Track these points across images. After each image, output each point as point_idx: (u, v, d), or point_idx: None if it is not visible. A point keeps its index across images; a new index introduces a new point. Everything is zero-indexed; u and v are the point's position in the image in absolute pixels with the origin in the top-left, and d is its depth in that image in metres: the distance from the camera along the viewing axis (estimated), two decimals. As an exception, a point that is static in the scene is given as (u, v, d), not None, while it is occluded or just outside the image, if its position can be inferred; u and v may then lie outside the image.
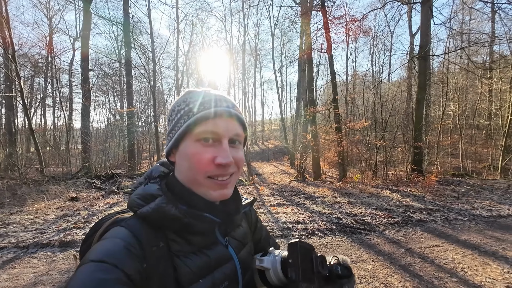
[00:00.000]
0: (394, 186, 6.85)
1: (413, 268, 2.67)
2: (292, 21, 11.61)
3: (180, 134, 0.49)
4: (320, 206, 4.92)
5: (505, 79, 12.00)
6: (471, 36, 14.58)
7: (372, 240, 3.39)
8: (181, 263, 0.45)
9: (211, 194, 0.49)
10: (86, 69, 9.82)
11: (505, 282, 2.39)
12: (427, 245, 3.24)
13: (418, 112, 8.12)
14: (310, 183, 7.87)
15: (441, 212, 4.58)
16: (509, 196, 5.79)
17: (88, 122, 10.25)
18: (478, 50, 14.97)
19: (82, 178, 7.23)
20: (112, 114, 20.06)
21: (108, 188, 6.46)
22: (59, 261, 2.79)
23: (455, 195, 5.75)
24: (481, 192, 6.11)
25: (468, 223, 4.06)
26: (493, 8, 8.05)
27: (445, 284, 2.38)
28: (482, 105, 14.15)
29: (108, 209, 4.63)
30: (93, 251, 0.40)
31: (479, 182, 7.30)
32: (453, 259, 2.85)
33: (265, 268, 0.55)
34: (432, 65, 18.02)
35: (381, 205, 4.93)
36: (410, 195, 5.75)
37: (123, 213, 0.54)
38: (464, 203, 5.15)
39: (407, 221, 4.08)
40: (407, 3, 10.43)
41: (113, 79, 19.30)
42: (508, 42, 9.76)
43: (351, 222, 3.99)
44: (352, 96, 14.60)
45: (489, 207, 4.89)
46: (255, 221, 0.71)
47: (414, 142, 7.80)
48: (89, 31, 10.26)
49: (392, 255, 2.97)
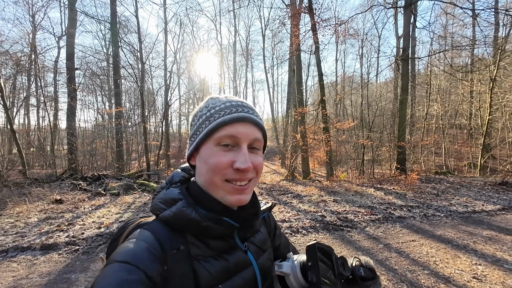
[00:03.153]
0: (378, 184, 7.07)
1: (389, 262, 2.81)
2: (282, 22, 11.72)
3: (201, 138, 0.50)
4: (307, 205, 5.03)
5: (483, 81, 12.56)
6: (453, 39, 15.17)
7: (353, 237, 3.52)
8: (201, 267, 0.46)
9: (228, 198, 0.49)
10: (71, 68, 9.60)
11: (472, 273, 2.55)
12: (404, 240, 3.40)
13: (402, 113, 8.40)
14: (299, 182, 7.99)
15: (421, 208, 4.78)
16: (484, 192, 6.10)
17: (74, 122, 10.01)
18: (460, 53, 15.57)
19: (67, 179, 7.08)
20: (100, 114, 19.63)
21: (94, 189, 6.36)
22: (40, 264, 2.76)
23: (435, 192, 6.00)
24: (459, 189, 6.40)
25: (445, 219, 4.27)
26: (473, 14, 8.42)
27: (417, 276, 2.52)
28: (463, 106, 14.74)
29: (94, 211, 4.57)
30: (118, 252, 0.42)
31: (459, 180, 7.64)
32: (427, 253, 3.00)
33: (284, 273, 0.53)
34: (417, 67, 18.62)
35: (365, 203, 5.10)
36: (393, 193, 5.96)
37: (147, 217, 0.56)
38: (443, 200, 5.39)
39: (388, 218, 4.25)
40: (392, 7, 10.74)
41: (101, 78, 18.89)
42: (486, 46, 10.25)
43: (335, 219, 4.12)
44: (340, 96, 14.87)
45: (465, 203, 5.14)
46: (274, 227, 0.71)
47: (398, 142, 8.07)
48: (74, 29, 10.02)
49: (370, 250, 3.10)
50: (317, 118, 11.44)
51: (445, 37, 14.82)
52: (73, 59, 9.80)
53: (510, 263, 2.74)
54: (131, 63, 11.01)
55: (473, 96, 14.11)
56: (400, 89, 8.92)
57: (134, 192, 6.17)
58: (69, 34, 9.75)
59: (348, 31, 10.18)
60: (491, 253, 2.99)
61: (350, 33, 10.53)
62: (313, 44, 9.29)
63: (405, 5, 8.37)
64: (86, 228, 3.72)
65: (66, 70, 9.82)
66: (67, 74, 9.60)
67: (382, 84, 20.55)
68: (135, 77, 9.47)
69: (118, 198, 5.61)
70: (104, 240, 3.34)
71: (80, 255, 2.98)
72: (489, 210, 4.73)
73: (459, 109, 15.13)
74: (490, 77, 10.60)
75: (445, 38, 14.89)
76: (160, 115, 21.00)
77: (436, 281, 2.42)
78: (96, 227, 3.76)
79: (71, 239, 3.30)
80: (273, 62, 24.41)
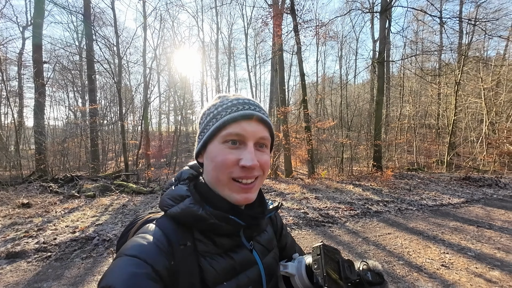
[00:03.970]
0: (357, 181, 7.39)
1: (368, 254, 2.96)
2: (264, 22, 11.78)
3: (208, 136, 0.50)
4: (290, 202, 5.13)
5: (449, 85, 13.61)
6: (424, 45, 16.25)
7: (334, 232, 3.66)
8: (207, 264, 0.46)
9: (234, 197, 0.49)
10: (39, 61, 8.87)
11: (441, 262, 2.77)
12: (381, 233, 3.60)
13: (378, 113, 8.85)
14: (281, 180, 8.12)
15: (395, 203, 5.09)
16: (450, 187, 6.63)
17: (42, 120, 9.28)
18: (429, 57, 16.72)
19: (35, 182, 6.56)
20: (72, 112, 18.38)
21: (67, 192, 5.97)
22: (6, 274, 2.54)
23: (408, 187, 6.41)
24: (429, 184, 6.89)
25: (417, 212, 4.58)
26: (440, 22, 9.07)
27: (393, 267, 2.68)
28: (432, 107, 15.87)
29: (67, 215, 4.29)
30: (127, 246, 0.43)
31: (428, 176, 8.22)
32: (402, 245, 3.21)
33: (290, 274, 0.53)
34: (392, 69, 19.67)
35: (345, 199, 5.31)
36: (370, 189, 6.26)
37: (155, 213, 0.57)
38: (415, 195, 5.78)
39: (366, 213, 4.47)
40: (369, 12, 11.24)
41: (73, 73, 17.67)
42: (451, 52, 11.11)
43: (317, 216, 4.25)
44: (321, 96, 15.30)
45: (434, 197, 5.56)
46: (281, 227, 0.70)
47: (374, 141, 8.49)
48: (42, 19, 9.27)
49: (350, 244, 3.24)
50: (299, 118, 11.67)
51: (416, 42, 15.83)
52: (40, 52, 9.06)
53: (473, 251, 3.01)
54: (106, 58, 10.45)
55: (441, 98, 15.24)
56: (376, 90, 9.38)
57: (112, 193, 5.89)
58: (36, 24, 9.00)
59: (329, 33, 10.51)
60: (456, 242, 3.26)
61: (330, 35, 10.88)
62: (295, 45, 9.47)
63: (381, 10, 8.81)
64: (59, 233, 3.48)
65: (33, 63, 9.05)
66: (34, 67, 8.86)
67: (360, 85, 21.48)
68: (111, 73, 9.00)
69: (94, 200, 5.32)
70: (79, 245, 3.15)
71: (52, 262, 2.79)
72: (455, 203, 5.16)
73: (428, 110, 16.26)
74: (455, 80, 11.52)
75: (416, 43, 15.90)
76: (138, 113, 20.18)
77: (410, 270, 2.60)
78: (70, 231, 3.54)
79: (42, 246, 3.08)
80: (255, 61, 24.44)
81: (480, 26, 8.60)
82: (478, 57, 13.49)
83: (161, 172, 10.67)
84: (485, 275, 2.49)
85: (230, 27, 25.39)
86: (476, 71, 12.93)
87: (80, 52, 15.70)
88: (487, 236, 3.47)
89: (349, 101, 14.49)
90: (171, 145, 18.48)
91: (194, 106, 26.29)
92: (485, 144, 11.85)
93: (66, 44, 16.08)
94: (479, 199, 5.50)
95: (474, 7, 12.57)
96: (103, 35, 11.53)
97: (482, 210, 4.70)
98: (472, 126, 14.13)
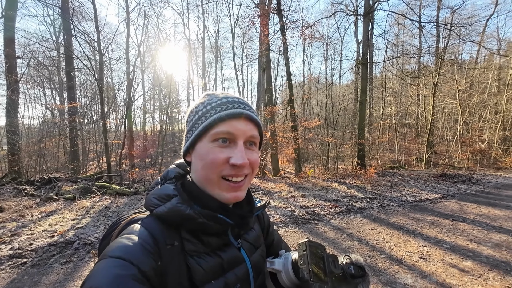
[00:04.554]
0: (342, 179, 7.59)
1: (352, 250, 3.06)
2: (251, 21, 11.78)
3: (197, 134, 0.50)
4: (277, 201, 5.18)
5: (428, 86, 14.31)
6: (404, 47, 16.96)
7: (320, 229, 3.74)
8: (194, 263, 0.46)
9: (224, 195, 0.49)
10: (12, 56, 8.32)
11: (419, 254, 2.92)
12: (364, 229, 3.73)
13: (361, 113, 9.13)
14: (269, 180, 8.17)
15: (378, 200, 5.29)
16: (428, 183, 6.98)
17: (16, 119, 8.72)
18: (409, 60, 17.47)
19: (8, 184, 6.17)
20: (49, 110, 17.40)
21: (44, 194, 5.66)
22: (-23, 283, 2.38)
23: (389, 184, 6.68)
24: (409, 181, 7.22)
25: (397, 208, 4.79)
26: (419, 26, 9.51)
27: (375, 260, 2.79)
28: (412, 107, 16.61)
29: (44, 219, 4.08)
30: (111, 248, 0.41)
31: (408, 173, 8.61)
32: (383, 239, 3.35)
33: (276, 270, 0.54)
34: (374, 71, 20.35)
35: (330, 197, 5.44)
36: (354, 187, 6.46)
37: (140, 213, 0.55)
38: (396, 191, 6.03)
39: (350, 210, 4.61)
40: (353, 14, 11.56)
41: (50, 69, 16.73)
42: (429, 55, 11.69)
43: (303, 214, 4.32)
44: (307, 96, 15.55)
45: (413, 194, 5.83)
46: (268, 225, 0.71)
47: (358, 139, 8.76)
48: (15, 12, 8.70)
49: (335, 240, 3.33)
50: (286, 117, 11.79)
51: (397, 45, 16.49)
52: (13, 46, 8.51)
53: (448, 243, 3.20)
54: (87, 54, 10.00)
55: (420, 98, 15.98)
56: (360, 91, 9.68)
57: (93, 195, 5.66)
58: (8, 16, 8.43)
59: (314, 34, 10.70)
60: (433, 235, 3.45)
61: (316, 36, 11.07)
62: (282, 45, 9.55)
63: (364, 13, 9.09)
64: (36, 238, 3.30)
65: (5, 58, 8.49)
66: (6, 63, 8.31)
67: (344, 86, 22.06)
68: (92, 70, 8.63)
69: (74, 202, 5.09)
70: (58, 250, 3.01)
71: (28, 268, 2.65)
72: (432, 199, 5.44)
73: (408, 110, 17.01)
74: (432, 82, 12.12)
75: (397, 46, 16.57)
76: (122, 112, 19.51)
77: (391, 263, 2.72)
78: (48, 236, 3.36)
79: (16, 252, 2.91)
80: (243, 60, 24.36)
81: (455, 32, 9.12)
82: (453, 60, 14.30)
83: (146, 173, 10.38)
84: (458, 265, 2.66)
85: (217, 25, 25.13)
86: (451, 74, 13.70)
87: (57, 48, 14.91)
88: (461, 229, 3.69)
89: (334, 101, 14.86)
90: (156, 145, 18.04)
91: (180, 105, 25.82)
92: (460, 143, 12.59)
93: (42, 38, 15.17)
94: (454, 195, 5.84)
95: (449, 12, 13.31)
96: (82, 30, 11.02)
97: (456, 205, 5.00)
98: (448, 126, 14.96)
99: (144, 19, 15.31)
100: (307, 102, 18.85)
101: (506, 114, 13.22)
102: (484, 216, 4.30)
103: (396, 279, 2.41)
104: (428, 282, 2.34)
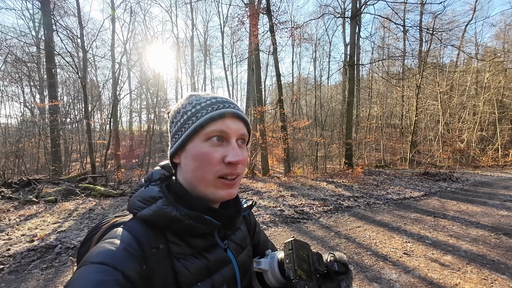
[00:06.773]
0: (330, 178, 7.74)
1: (339, 247, 3.12)
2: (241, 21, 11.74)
3: (188, 134, 0.49)
4: (266, 201, 5.20)
5: (411, 88, 14.85)
6: (389, 50, 17.49)
7: (309, 228, 3.80)
8: (181, 266, 0.45)
9: (219, 193, 0.49)
10: (-14, 51, 7.88)
11: (403, 250, 3.03)
12: (351, 227, 3.82)
13: (349, 113, 9.34)
14: (258, 179, 8.19)
15: (364, 198, 5.43)
16: (412, 182, 7.25)
17: (-9, 118, 8.27)
18: (394, 62, 18.06)
19: (-17, 187, 5.83)
20: (28, 108, 16.57)
21: (23, 197, 5.39)
22: None
23: (375, 183, 6.87)
24: (394, 180, 7.46)
25: (383, 206, 4.94)
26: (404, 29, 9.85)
27: (362, 257, 2.86)
28: (397, 108, 17.19)
29: (23, 223, 3.88)
30: (93, 253, 0.40)
31: (393, 172, 8.89)
32: (370, 236, 3.44)
33: (262, 270, 0.54)
34: (361, 72, 20.87)
35: (319, 196, 5.53)
36: (342, 185, 6.60)
37: (122, 217, 0.53)
38: (381, 190, 6.22)
39: (338, 208, 4.70)
40: (340, 17, 11.79)
41: (29, 66, 15.93)
42: (413, 58, 12.14)
43: (292, 213, 4.37)
44: (296, 97, 15.72)
45: (398, 192, 6.03)
46: (254, 225, 0.71)
47: (346, 139, 8.95)
48: (-10, 5, 8.26)
49: (324, 238, 3.39)
50: (275, 117, 11.86)
51: (383, 48, 16.99)
52: (-12, 41, 8.06)
53: (430, 239, 3.34)
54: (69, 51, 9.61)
55: (404, 100, 16.55)
56: (347, 92, 9.89)
57: (77, 197, 5.45)
58: (-17, 9, 7.97)
59: (303, 35, 10.83)
60: (416, 232, 3.59)
61: (305, 37, 11.23)
62: (271, 45, 9.60)
63: (351, 16, 9.30)
64: (13, 243, 3.14)
65: (-21, 54, 8.02)
66: (-19, 58, 7.85)
67: (332, 87, 22.45)
68: (74, 67, 8.30)
69: (55, 205, 4.88)
70: (38, 255, 2.88)
71: (5, 275, 2.51)
72: (416, 196, 5.66)
73: (393, 111, 17.58)
74: (416, 84, 12.60)
75: (383, 49, 17.07)
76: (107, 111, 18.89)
77: (377, 259, 2.80)
78: (27, 240, 3.21)
79: (-8, 258, 2.75)
80: (232, 60, 24.24)
81: (437, 36, 9.52)
82: (435, 64, 14.93)
83: (132, 174, 10.11)
84: (439, 260, 2.78)
85: (206, 24, 25.01)
86: (433, 76, 14.29)
87: (37, 43, 14.22)
88: (441, 225, 3.86)
89: (323, 102, 15.11)
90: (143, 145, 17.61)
91: (168, 104, 25.29)
92: (441, 142, 13.16)
93: (20, 33, 14.43)
94: (435, 192, 6.10)
95: (432, 17, 13.87)
96: (64, 26, 10.58)
97: (438, 202, 5.22)
98: (430, 126, 15.60)
99: (131, 15, 14.90)
100: (296, 102, 19.06)
101: (483, 116, 13.97)
102: (463, 212, 4.52)
103: (382, 275, 2.48)
104: (411, 277, 2.43)
